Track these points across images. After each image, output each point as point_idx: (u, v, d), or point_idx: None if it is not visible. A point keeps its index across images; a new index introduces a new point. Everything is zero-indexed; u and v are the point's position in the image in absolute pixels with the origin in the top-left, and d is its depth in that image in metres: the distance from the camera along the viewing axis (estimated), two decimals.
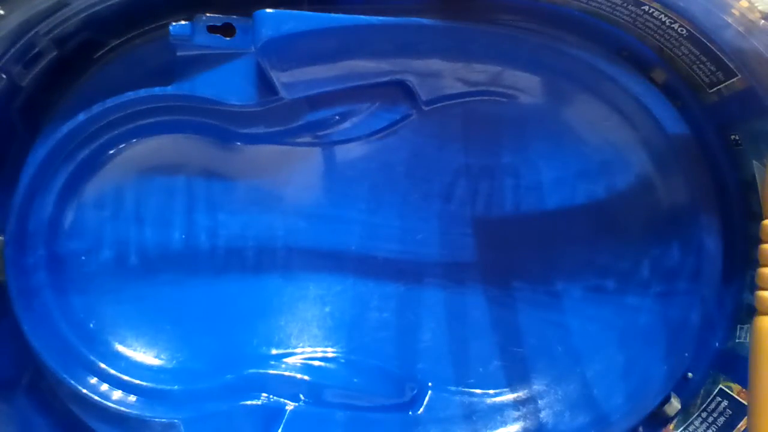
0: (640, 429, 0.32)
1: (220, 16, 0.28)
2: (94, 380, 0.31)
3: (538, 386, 0.33)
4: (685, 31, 0.28)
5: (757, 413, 0.24)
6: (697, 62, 0.29)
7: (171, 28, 0.28)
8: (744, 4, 0.25)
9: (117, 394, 0.31)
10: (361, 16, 0.27)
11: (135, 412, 0.30)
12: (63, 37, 0.28)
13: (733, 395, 0.30)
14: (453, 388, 0.33)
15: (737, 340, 0.31)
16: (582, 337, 0.33)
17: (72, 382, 0.30)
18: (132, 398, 0.31)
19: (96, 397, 0.30)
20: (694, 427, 0.31)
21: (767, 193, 0.25)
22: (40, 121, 0.30)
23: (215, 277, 0.32)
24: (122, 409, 0.30)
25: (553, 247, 0.33)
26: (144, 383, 0.31)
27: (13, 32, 0.26)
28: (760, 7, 0.25)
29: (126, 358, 0.32)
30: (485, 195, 0.33)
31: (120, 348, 0.32)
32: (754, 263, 0.26)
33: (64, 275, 0.31)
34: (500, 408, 0.33)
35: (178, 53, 0.28)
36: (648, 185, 0.32)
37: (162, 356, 0.32)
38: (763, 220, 0.25)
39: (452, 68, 0.30)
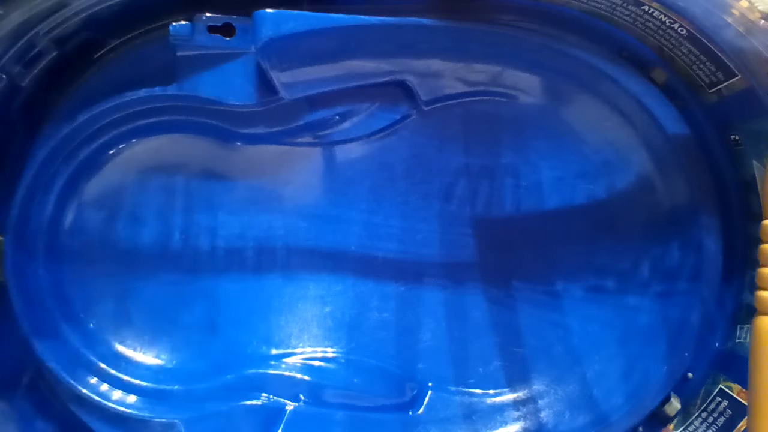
0: (640, 429, 0.32)
1: (220, 16, 0.28)
2: (94, 380, 0.31)
3: (538, 386, 0.33)
4: (685, 31, 0.28)
5: (757, 413, 0.24)
6: (697, 62, 0.29)
7: (171, 28, 0.28)
8: (744, 4, 0.25)
9: (117, 394, 0.31)
10: (361, 16, 0.28)
11: (135, 412, 0.30)
12: (63, 37, 0.28)
13: (733, 395, 0.30)
14: (453, 388, 0.33)
15: (737, 340, 0.31)
16: (582, 337, 0.33)
17: (72, 382, 0.30)
18: (132, 398, 0.31)
19: (96, 397, 0.30)
20: (694, 427, 0.31)
21: (767, 193, 0.25)
22: (40, 121, 0.30)
23: (215, 277, 0.32)
24: (122, 409, 0.30)
25: (553, 247, 0.33)
26: (144, 383, 0.31)
27: (13, 32, 0.26)
28: (760, 7, 0.25)
29: (126, 358, 0.32)
30: (485, 195, 0.33)
31: (120, 348, 0.32)
32: (754, 263, 0.26)
33: (65, 275, 0.31)
34: (500, 408, 0.33)
35: (178, 53, 0.28)
36: (648, 185, 0.32)
37: (162, 356, 0.32)
38: (763, 220, 0.25)
39: (452, 68, 0.30)
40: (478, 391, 0.33)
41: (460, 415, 0.32)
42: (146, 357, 0.32)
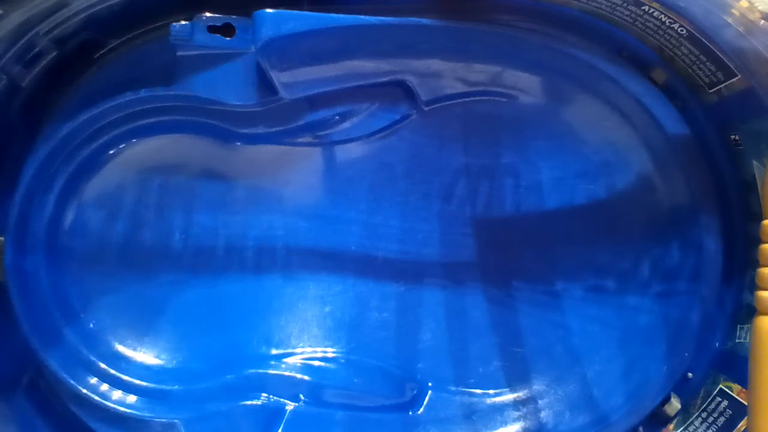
0: (640, 429, 0.32)
1: (220, 16, 0.28)
2: (94, 380, 0.31)
3: (538, 386, 0.33)
4: (685, 31, 0.28)
5: (757, 413, 0.24)
6: (697, 62, 0.29)
7: (171, 28, 0.28)
8: (744, 4, 0.25)
9: (117, 394, 0.31)
10: (361, 16, 0.28)
11: (135, 412, 0.30)
12: (63, 37, 0.28)
13: (733, 395, 0.30)
14: (453, 388, 0.33)
15: (737, 340, 0.31)
16: (582, 337, 0.33)
17: (72, 382, 0.30)
18: (132, 398, 0.31)
19: (96, 397, 0.30)
20: (694, 427, 0.31)
21: (767, 193, 0.25)
22: (40, 121, 0.30)
23: (215, 277, 0.32)
24: (122, 409, 0.30)
25: (553, 247, 0.33)
26: (144, 383, 0.31)
27: (13, 32, 0.26)
28: (760, 7, 0.25)
29: (126, 358, 0.32)
30: (485, 195, 0.33)
31: (120, 348, 0.32)
32: (754, 263, 0.26)
33: (65, 275, 0.31)
34: (500, 408, 0.33)
35: (178, 53, 0.28)
36: (648, 185, 0.32)
37: (162, 356, 0.32)
38: (763, 220, 0.25)
39: (452, 68, 0.30)
40: (478, 391, 0.33)
41: (460, 415, 0.32)
42: (146, 357, 0.32)
